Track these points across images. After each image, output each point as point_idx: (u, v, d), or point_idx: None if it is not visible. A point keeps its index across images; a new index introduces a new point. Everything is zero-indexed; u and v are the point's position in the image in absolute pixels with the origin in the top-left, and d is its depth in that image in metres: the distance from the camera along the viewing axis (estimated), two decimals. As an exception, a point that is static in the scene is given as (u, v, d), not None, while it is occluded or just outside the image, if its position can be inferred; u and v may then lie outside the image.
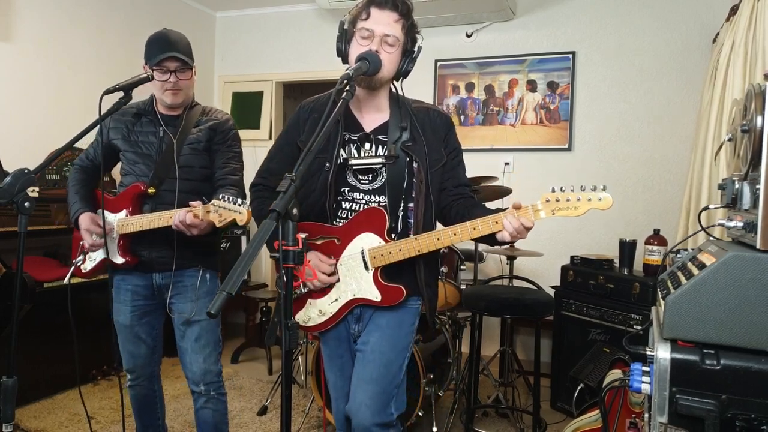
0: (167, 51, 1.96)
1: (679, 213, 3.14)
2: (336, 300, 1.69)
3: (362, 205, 1.70)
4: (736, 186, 1.30)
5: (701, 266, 1.18)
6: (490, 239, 1.60)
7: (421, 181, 1.67)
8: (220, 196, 1.77)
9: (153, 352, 2.21)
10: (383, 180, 1.69)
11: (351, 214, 1.70)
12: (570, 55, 3.92)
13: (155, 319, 2.18)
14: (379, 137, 1.70)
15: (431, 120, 1.74)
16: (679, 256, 1.50)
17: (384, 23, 1.59)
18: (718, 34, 3.19)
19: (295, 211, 1.18)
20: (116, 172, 2.25)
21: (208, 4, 4.79)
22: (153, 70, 1.96)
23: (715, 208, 1.50)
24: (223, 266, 2.16)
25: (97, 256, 2.12)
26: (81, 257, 2.16)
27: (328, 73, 4.59)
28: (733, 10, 2.81)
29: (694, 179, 2.93)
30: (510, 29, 4.09)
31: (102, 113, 1.78)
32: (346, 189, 1.71)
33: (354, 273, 1.66)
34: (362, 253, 1.64)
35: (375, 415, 1.61)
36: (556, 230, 3.95)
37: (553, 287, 3.27)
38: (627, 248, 3.01)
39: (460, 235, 1.57)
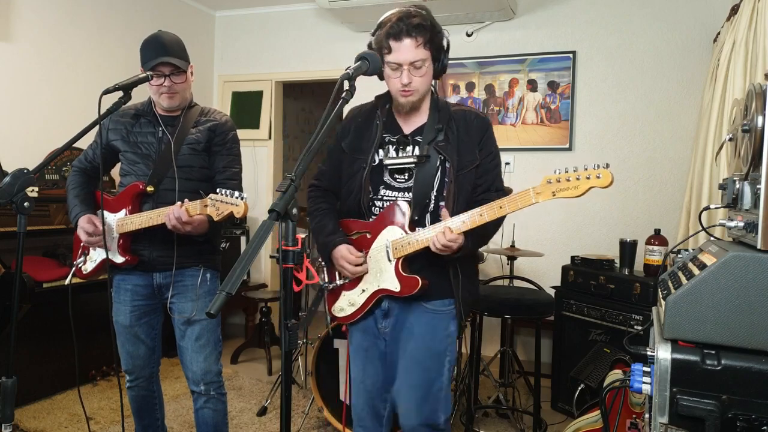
0: (160, 56, 1.96)
1: (680, 213, 3.13)
2: (363, 291, 1.79)
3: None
4: (737, 186, 1.30)
5: (702, 266, 1.18)
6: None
7: (452, 181, 1.72)
8: (218, 190, 1.79)
9: (152, 353, 2.21)
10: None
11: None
12: (570, 55, 3.91)
13: (154, 319, 2.18)
14: (416, 138, 1.78)
15: (467, 122, 1.79)
16: (679, 256, 1.49)
17: (406, 52, 1.65)
18: (718, 33, 3.19)
19: (294, 211, 1.18)
20: (115, 172, 2.24)
21: (207, 3, 4.79)
22: (145, 73, 1.97)
23: (716, 208, 1.50)
24: (223, 266, 2.17)
25: (98, 257, 2.12)
26: (82, 258, 2.16)
27: (327, 72, 4.59)
28: (734, 10, 2.81)
29: (695, 179, 2.93)
30: (510, 29, 4.09)
31: (101, 113, 1.78)
32: (382, 187, 1.79)
33: (380, 264, 1.75)
34: (386, 245, 1.73)
35: (422, 417, 1.73)
36: (556, 230, 3.95)
37: (553, 287, 3.26)
38: (628, 248, 3.01)
39: (468, 223, 1.61)
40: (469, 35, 4.18)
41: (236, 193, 1.76)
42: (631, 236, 3.07)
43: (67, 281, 2.09)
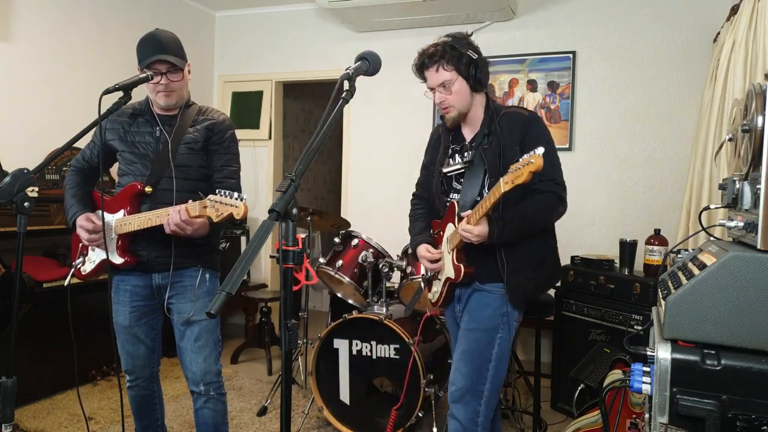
0: (156, 54, 1.95)
1: (680, 213, 3.13)
2: (440, 279, 2.07)
3: None
4: (737, 186, 1.30)
5: (702, 266, 1.18)
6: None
7: (495, 179, 1.84)
8: (217, 191, 1.79)
9: (152, 353, 2.20)
10: None
11: None
12: (570, 55, 3.91)
13: (154, 319, 2.18)
14: (473, 145, 1.98)
15: (511, 122, 1.92)
16: (679, 256, 1.49)
17: (431, 78, 1.91)
18: (718, 33, 3.19)
19: (294, 211, 1.18)
20: (115, 171, 2.24)
21: (207, 3, 4.79)
22: (145, 72, 1.96)
23: (716, 208, 1.50)
24: (223, 266, 2.16)
25: (97, 257, 2.11)
26: (80, 259, 2.15)
27: (327, 72, 4.59)
28: (734, 10, 2.81)
29: (695, 179, 2.93)
30: (510, 29, 4.09)
31: (101, 113, 1.78)
32: (451, 191, 2.04)
33: (446, 256, 2.02)
34: (447, 239, 2.00)
35: (467, 381, 1.89)
36: (556, 230, 3.94)
37: (553, 287, 3.26)
38: (627, 248, 3.01)
39: (473, 215, 1.79)
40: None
41: (236, 194, 1.75)
42: (631, 236, 3.07)
43: (65, 282, 2.08)
